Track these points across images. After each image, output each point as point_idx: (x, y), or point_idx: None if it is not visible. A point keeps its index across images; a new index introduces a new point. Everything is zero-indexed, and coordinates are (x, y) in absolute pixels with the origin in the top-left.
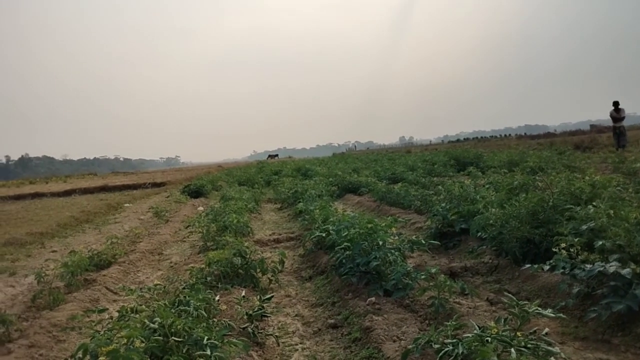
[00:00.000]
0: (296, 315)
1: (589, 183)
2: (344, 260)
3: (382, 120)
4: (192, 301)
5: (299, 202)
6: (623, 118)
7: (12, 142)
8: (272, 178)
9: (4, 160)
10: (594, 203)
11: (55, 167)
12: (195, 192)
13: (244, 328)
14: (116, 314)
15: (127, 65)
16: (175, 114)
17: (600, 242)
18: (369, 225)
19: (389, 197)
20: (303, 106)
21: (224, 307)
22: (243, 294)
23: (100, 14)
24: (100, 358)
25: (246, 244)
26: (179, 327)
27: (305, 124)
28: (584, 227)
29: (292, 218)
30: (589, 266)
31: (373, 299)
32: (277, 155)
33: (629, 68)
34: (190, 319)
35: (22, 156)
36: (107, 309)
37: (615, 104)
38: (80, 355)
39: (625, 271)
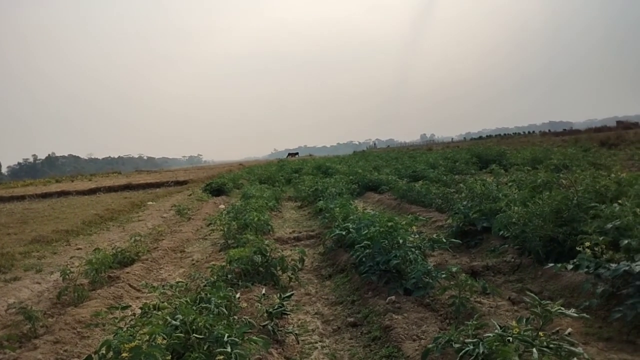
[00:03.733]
0: (316, 314)
1: (614, 181)
2: (363, 259)
3: (402, 118)
4: (213, 298)
5: (319, 200)
6: None
7: (40, 142)
8: (292, 176)
9: (31, 159)
10: (620, 201)
11: (81, 165)
12: (217, 190)
13: (264, 326)
14: (139, 311)
15: (150, 68)
16: (198, 113)
17: (626, 241)
18: (389, 224)
19: (409, 195)
20: (324, 105)
21: (245, 304)
22: (263, 291)
23: (115, 16)
24: (123, 354)
25: (266, 242)
26: (200, 324)
27: (325, 122)
28: (609, 225)
29: (312, 216)
30: (614, 265)
31: (393, 297)
32: (297, 153)
33: None
34: (211, 316)
35: (49, 155)
36: (130, 305)
37: None
38: (104, 352)
39: None
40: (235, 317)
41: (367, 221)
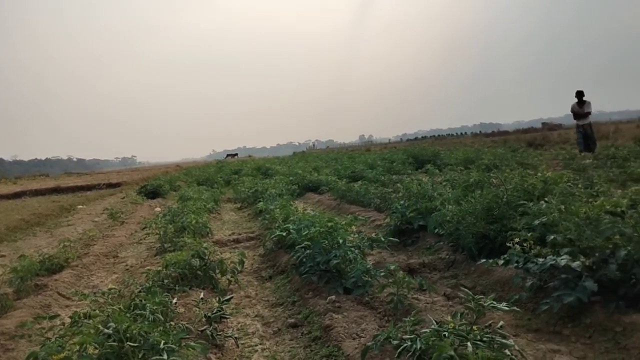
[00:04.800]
0: (256, 316)
1: (541, 179)
2: (304, 259)
3: (342, 119)
4: (148, 305)
5: (259, 201)
6: (588, 114)
7: None
8: (231, 177)
9: None
10: (546, 199)
11: (5, 168)
12: (152, 193)
13: (202, 330)
14: (68, 320)
15: (80, 66)
16: (133, 113)
17: (552, 237)
18: (329, 224)
19: (349, 196)
20: (264, 106)
21: (182, 309)
22: (202, 295)
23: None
24: None
25: (205, 244)
26: (134, 331)
27: (265, 124)
28: (537, 222)
29: (252, 217)
30: (541, 260)
31: (333, 297)
32: (236, 154)
33: (579, 68)
34: (147, 323)
35: None
36: (59, 315)
37: (579, 94)
38: None
39: (576, 264)
40: (172, 323)
41: (307, 222)
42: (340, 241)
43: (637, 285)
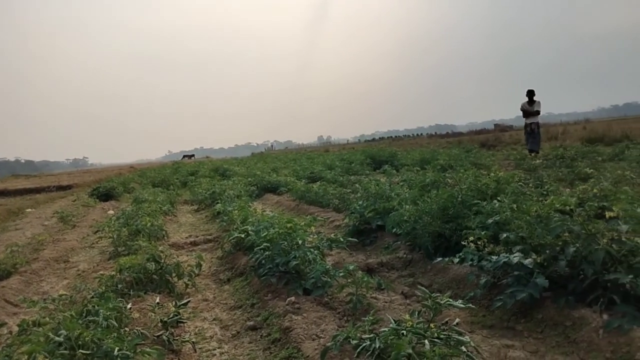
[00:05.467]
0: (214, 320)
1: (493, 179)
2: (263, 261)
3: (300, 120)
4: (101, 311)
5: (217, 203)
6: (537, 113)
7: None
8: (188, 179)
9: None
10: (499, 198)
11: None
12: (105, 195)
13: (158, 336)
14: (16, 329)
15: (23, 59)
16: (83, 112)
17: (505, 235)
18: (288, 225)
19: (308, 196)
20: (221, 106)
21: (137, 315)
22: (157, 300)
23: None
24: None
25: (161, 248)
26: (87, 339)
27: (223, 124)
28: (490, 220)
29: (210, 219)
30: (494, 257)
31: (292, 298)
32: (193, 155)
33: (531, 70)
34: (100, 329)
35: None
36: (6, 323)
37: (530, 93)
38: None
39: (528, 261)
40: (127, 329)
41: (266, 223)
42: (300, 242)
43: (585, 281)
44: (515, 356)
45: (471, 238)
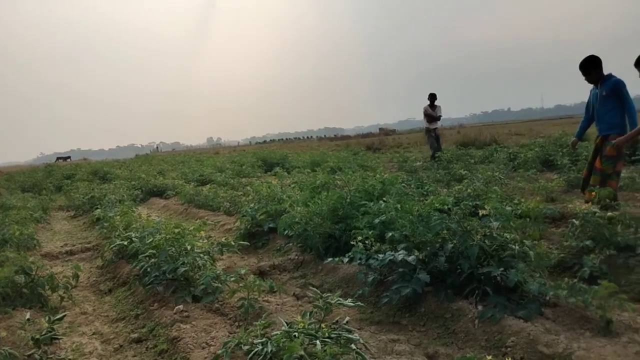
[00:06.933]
0: (94, 334)
1: (379, 181)
2: (148, 269)
3: (188, 121)
4: None
5: (97, 208)
6: (440, 117)
7: None
8: (63, 183)
9: None
10: (385, 198)
11: None
12: None
13: (29, 355)
14: None
15: None
16: None
17: (390, 234)
18: (176, 230)
19: (197, 200)
20: (101, 104)
21: (4, 333)
22: (28, 316)
23: None
24: None
25: (32, 258)
26: None
27: (104, 124)
28: (377, 220)
29: (89, 226)
30: (381, 256)
31: (181, 306)
32: (69, 157)
33: (413, 78)
34: None
35: None
36: None
37: (432, 97)
38: None
39: (411, 258)
40: None
41: (152, 229)
42: (189, 248)
43: (462, 275)
44: (400, 350)
45: (359, 238)
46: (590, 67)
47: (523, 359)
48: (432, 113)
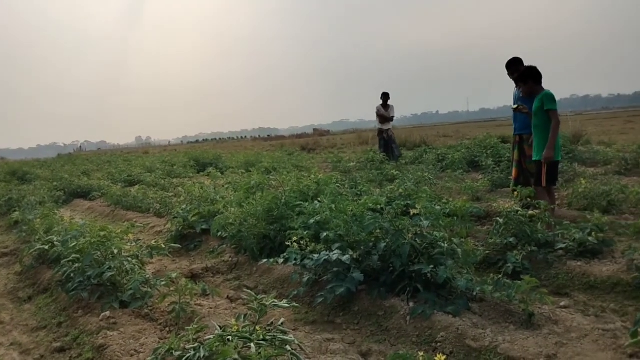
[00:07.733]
0: (12, 344)
1: (314, 181)
2: (72, 274)
3: (115, 120)
4: None
5: (14, 211)
6: (393, 118)
7: None
8: None
9: None
10: (319, 198)
11: None
12: None
13: None
14: None
15: None
16: None
17: (325, 234)
18: (102, 233)
19: (125, 201)
20: (17, 100)
21: None
22: None
23: None
24: None
25: None
26: None
27: (22, 122)
28: (312, 220)
29: (6, 230)
30: (316, 256)
31: (107, 313)
32: None
33: (346, 79)
34: None
35: None
36: None
37: (385, 96)
38: None
39: (345, 257)
40: None
41: (75, 232)
42: (116, 251)
43: (395, 273)
44: (335, 349)
45: (294, 238)
46: (514, 68)
47: (452, 354)
48: (384, 113)
